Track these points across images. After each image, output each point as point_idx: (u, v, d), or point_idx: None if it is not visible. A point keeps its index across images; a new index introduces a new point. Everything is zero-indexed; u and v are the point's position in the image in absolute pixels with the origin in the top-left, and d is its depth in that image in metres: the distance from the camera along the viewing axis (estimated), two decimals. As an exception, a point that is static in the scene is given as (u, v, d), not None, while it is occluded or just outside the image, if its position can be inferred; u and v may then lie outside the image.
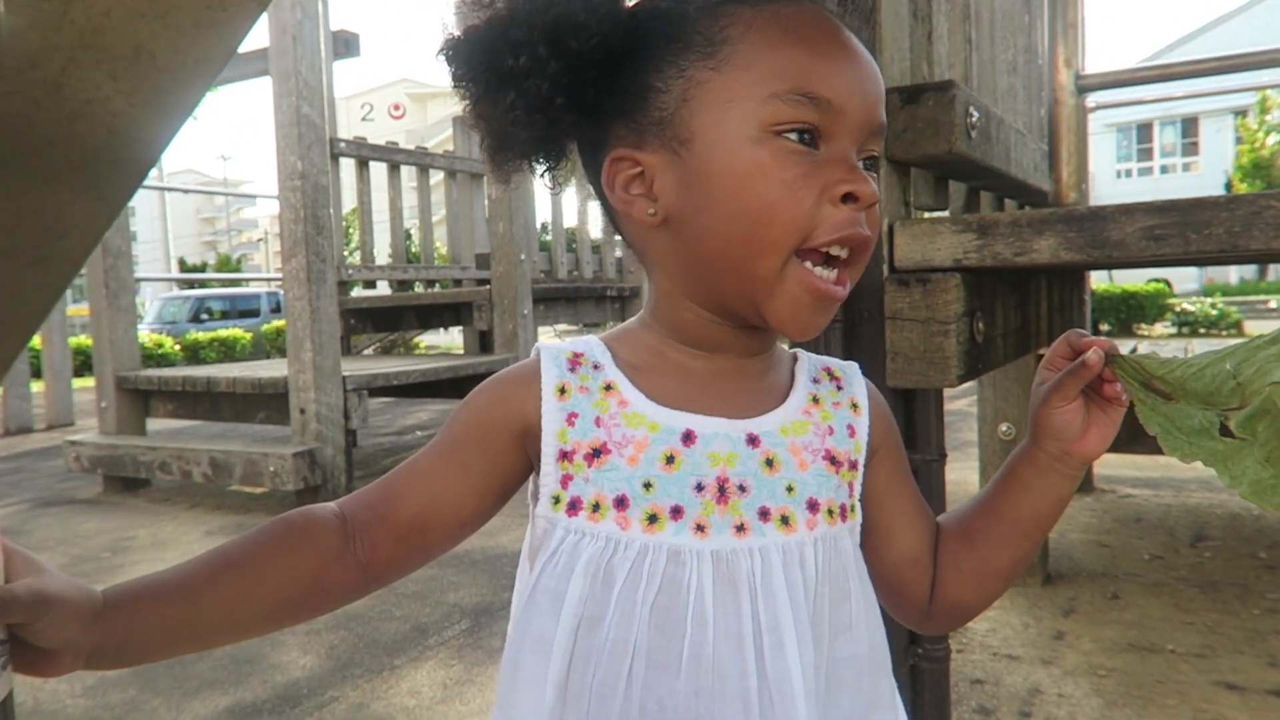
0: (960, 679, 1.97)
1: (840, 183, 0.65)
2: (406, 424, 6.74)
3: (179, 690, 2.12)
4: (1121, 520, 3.21)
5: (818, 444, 0.72)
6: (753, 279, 0.66)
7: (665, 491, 0.66)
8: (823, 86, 0.65)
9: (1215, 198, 1.18)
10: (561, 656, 0.65)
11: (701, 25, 0.67)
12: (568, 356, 0.72)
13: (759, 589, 0.65)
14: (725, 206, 0.66)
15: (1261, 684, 1.89)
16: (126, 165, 1.61)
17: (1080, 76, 1.85)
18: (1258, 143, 23.52)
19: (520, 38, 0.67)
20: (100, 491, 4.60)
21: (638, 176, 0.70)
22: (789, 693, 0.64)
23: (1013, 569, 0.76)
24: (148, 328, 15.93)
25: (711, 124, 0.66)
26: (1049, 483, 0.73)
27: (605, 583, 0.65)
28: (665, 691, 0.63)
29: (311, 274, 4.00)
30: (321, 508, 0.72)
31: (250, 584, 0.67)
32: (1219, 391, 0.63)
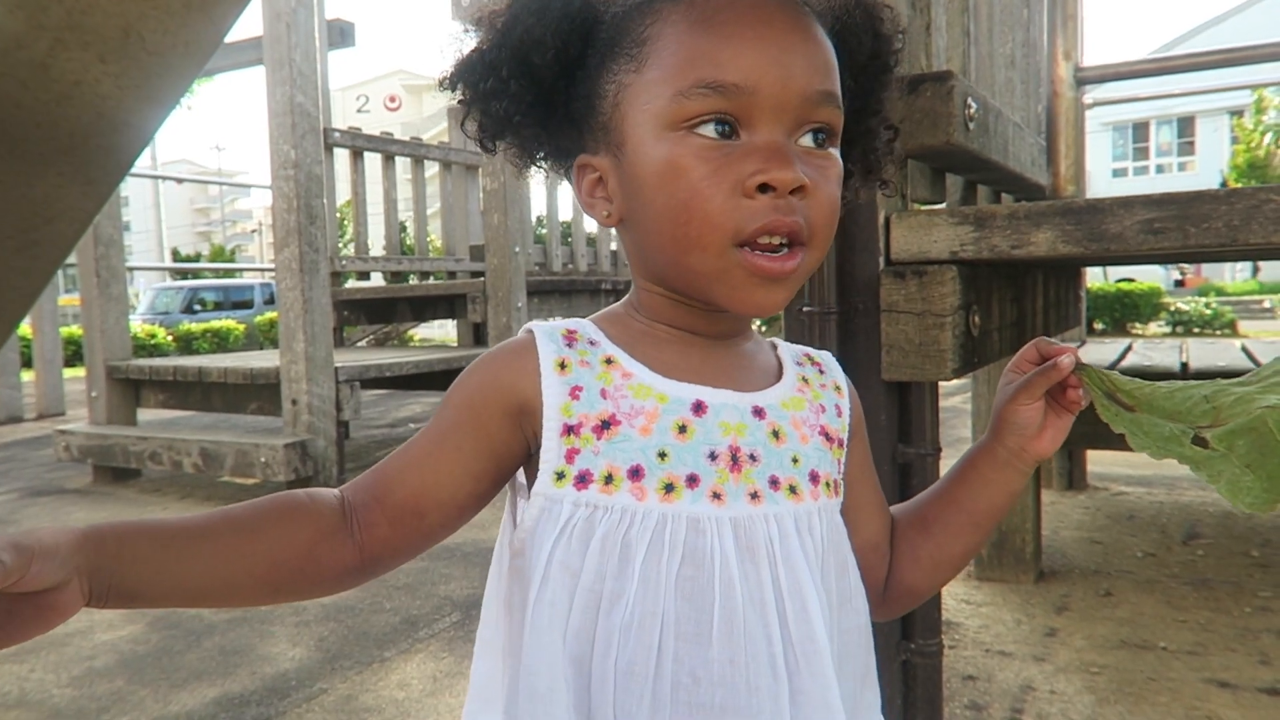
0: (952, 675, 1.96)
1: (754, 174, 0.63)
2: (399, 416, 6.72)
3: (166, 681, 2.11)
4: (1114, 518, 3.22)
5: (814, 420, 0.74)
6: (690, 272, 0.67)
7: (680, 460, 0.66)
8: (727, 72, 0.64)
9: (1214, 191, 1.17)
10: (576, 635, 0.64)
11: (631, 28, 0.68)
12: (562, 333, 0.72)
13: (778, 555, 0.66)
14: (652, 206, 0.67)
15: (1253, 682, 1.89)
16: (115, 150, 1.59)
17: (1079, 69, 1.84)
18: (1254, 142, 23.56)
19: (492, 59, 0.70)
20: (90, 481, 4.58)
21: (598, 181, 0.72)
22: (815, 656, 0.65)
23: (963, 556, 0.81)
24: (140, 318, 15.87)
25: (635, 126, 0.67)
26: (1005, 477, 0.77)
27: (624, 557, 0.64)
28: (699, 662, 0.63)
29: (304, 264, 3.98)
30: (323, 489, 0.72)
31: (245, 540, 0.66)
32: (1190, 411, 0.67)
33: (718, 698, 0.63)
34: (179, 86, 1.49)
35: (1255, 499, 0.62)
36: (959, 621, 2.29)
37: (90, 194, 1.49)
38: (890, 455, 1.38)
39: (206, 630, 2.42)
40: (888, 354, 1.32)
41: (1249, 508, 0.63)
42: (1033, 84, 2.37)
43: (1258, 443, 0.63)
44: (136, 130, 1.47)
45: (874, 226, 1.35)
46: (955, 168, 1.64)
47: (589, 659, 0.64)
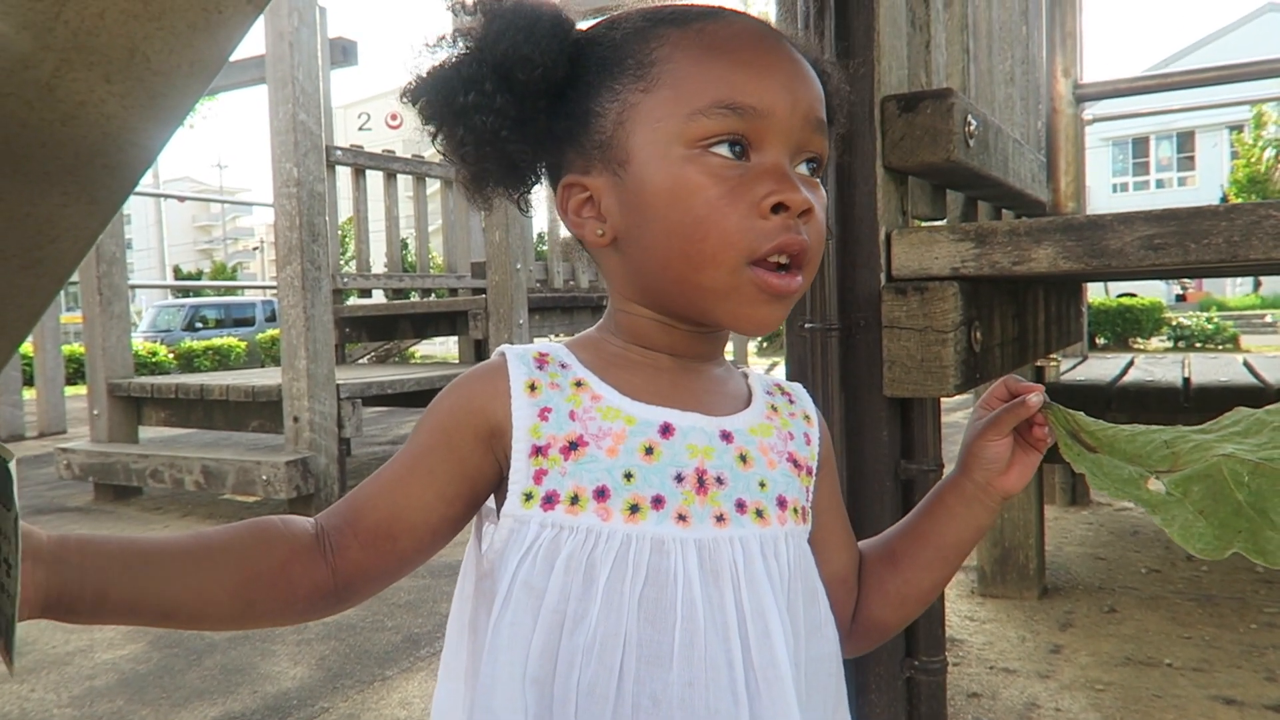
0: (956, 692, 1.95)
1: (768, 195, 0.66)
2: (400, 433, 6.71)
3: (167, 700, 2.10)
4: (1118, 534, 3.21)
5: (781, 446, 0.74)
6: (699, 289, 0.68)
7: (646, 481, 0.67)
8: (745, 95, 0.66)
9: (1215, 207, 1.18)
10: (539, 656, 0.64)
11: (634, 49, 0.70)
12: (534, 356, 0.73)
13: (741, 578, 0.66)
14: (661, 224, 0.68)
15: (1260, 698, 1.88)
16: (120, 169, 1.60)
17: (1078, 86, 1.85)
18: (1253, 157, 23.63)
19: (471, 74, 0.70)
20: (91, 499, 4.57)
21: (587, 200, 0.72)
22: (777, 680, 0.64)
23: (932, 591, 0.80)
24: (142, 336, 15.89)
25: (644, 144, 0.68)
26: (972, 512, 0.78)
27: (588, 577, 0.64)
28: (659, 685, 0.63)
29: (306, 281, 3.99)
30: (298, 516, 0.72)
31: (217, 553, 0.65)
32: (1149, 455, 0.69)
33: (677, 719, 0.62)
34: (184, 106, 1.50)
35: (1206, 544, 0.63)
36: (963, 638, 2.28)
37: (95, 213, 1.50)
38: (893, 471, 1.38)
39: (208, 649, 2.41)
40: (889, 370, 1.32)
41: (1199, 552, 0.64)
42: (1032, 101, 2.38)
43: (1211, 489, 0.65)
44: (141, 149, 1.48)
45: (875, 243, 1.35)
46: (956, 184, 1.65)
47: (551, 680, 0.63)
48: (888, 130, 1.36)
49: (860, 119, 1.36)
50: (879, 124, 1.35)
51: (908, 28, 1.45)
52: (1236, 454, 0.65)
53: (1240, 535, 0.63)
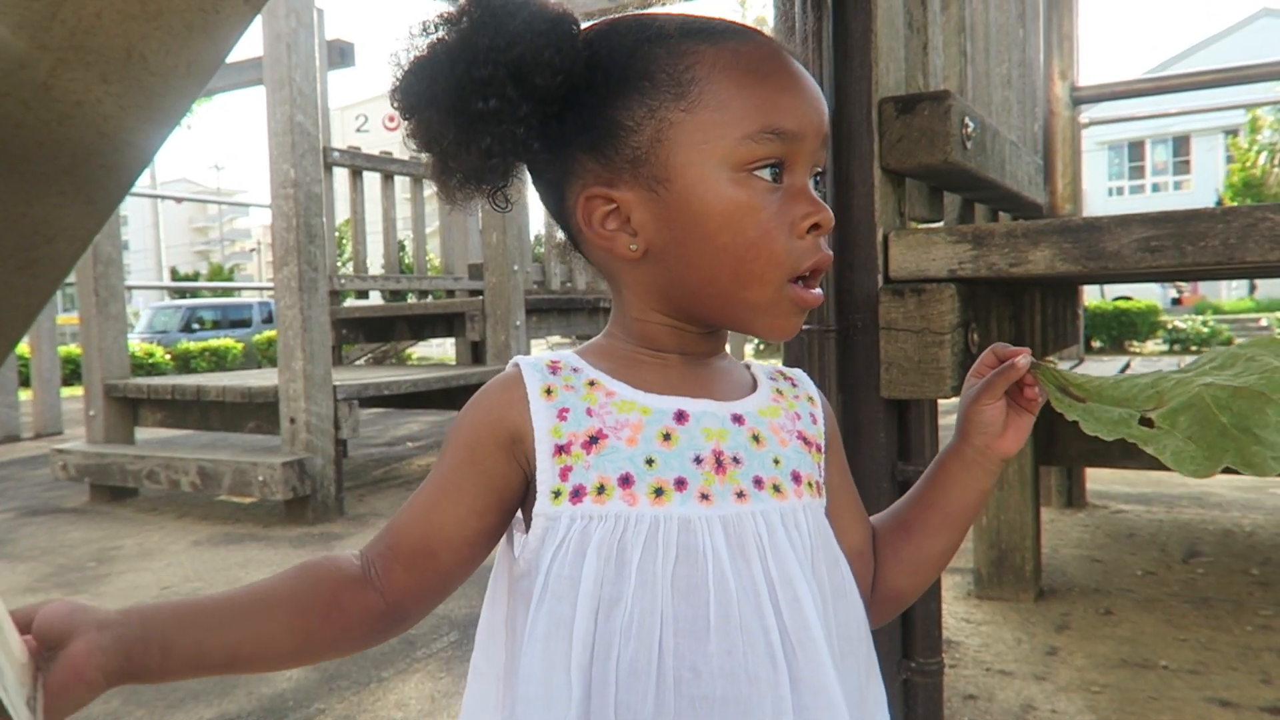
0: (953, 694, 1.95)
1: (806, 216, 0.70)
2: (397, 434, 6.71)
3: (163, 702, 2.09)
4: (1114, 536, 3.21)
5: (791, 425, 0.77)
6: (742, 303, 0.72)
7: (667, 465, 0.69)
8: (787, 120, 0.70)
9: (1211, 210, 1.18)
10: (582, 642, 0.65)
11: (666, 64, 0.70)
12: (547, 363, 0.75)
13: (767, 549, 0.69)
14: (709, 243, 0.70)
15: (1255, 701, 1.88)
16: (117, 169, 1.60)
17: (1075, 89, 1.86)
18: (1249, 161, 23.69)
19: (486, 76, 0.68)
20: (87, 500, 4.56)
21: (612, 212, 0.72)
22: (810, 643, 0.67)
23: (943, 555, 0.84)
24: (139, 337, 15.87)
25: (689, 164, 0.69)
26: (974, 476, 0.81)
27: (620, 561, 0.67)
28: (699, 657, 0.65)
29: (303, 283, 3.98)
30: (345, 555, 0.76)
31: (269, 595, 0.71)
32: (1136, 398, 0.73)
33: (719, 689, 0.65)
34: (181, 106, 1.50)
35: (1197, 465, 0.68)
36: (959, 640, 2.28)
37: (91, 213, 1.49)
38: (890, 472, 1.38)
39: (203, 650, 2.41)
40: (887, 372, 1.33)
41: (1192, 474, 0.69)
42: (1029, 103, 2.38)
43: (1197, 417, 0.69)
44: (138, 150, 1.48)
45: (873, 245, 1.36)
46: (953, 186, 1.65)
47: (589, 664, 0.65)
48: (885, 132, 1.36)
49: (858, 121, 1.36)
50: (877, 126, 1.35)
51: (905, 30, 1.46)
52: (1216, 383, 0.70)
53: (1228, 453, 0.67)
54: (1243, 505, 3.64)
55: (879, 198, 1.35)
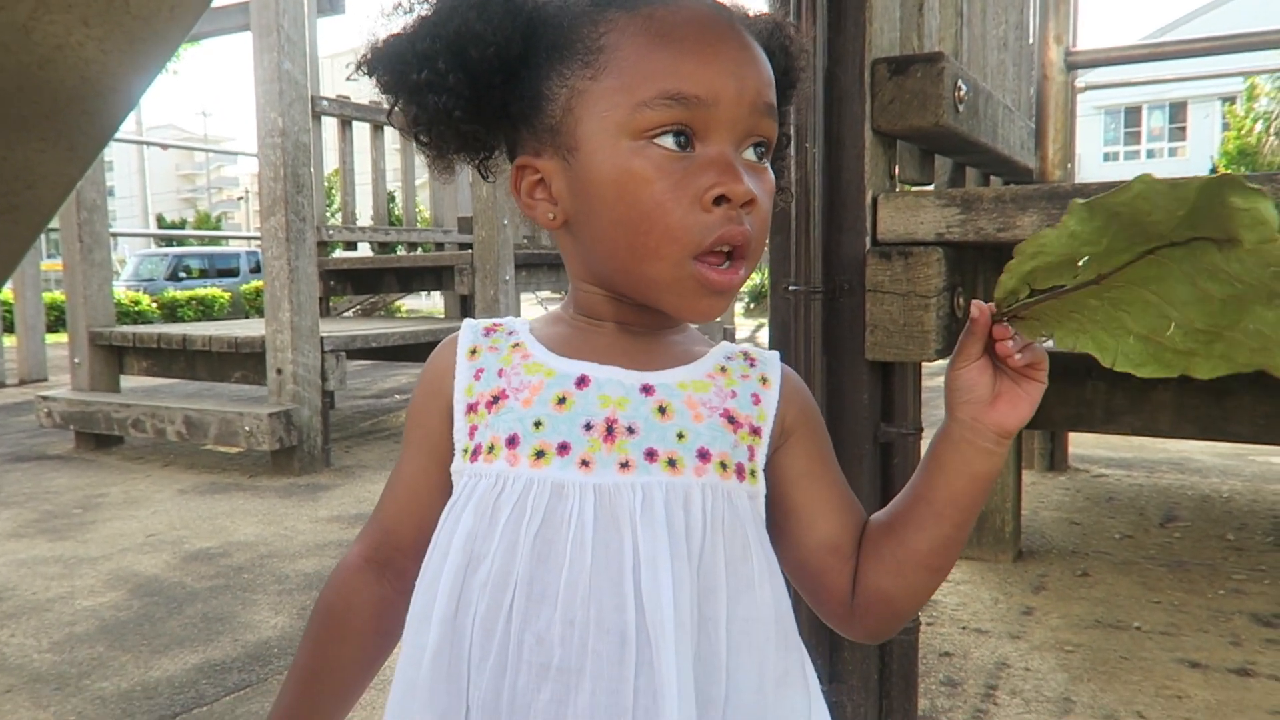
0: (929, 651, 1.99)
1: (711, 187, 0.66)
2: (385, 387, 6.71)
3: (148, 647, 2.11)
4: (1094, 499, 3.25)
5: (717, 402, 0.73)
6: (643, 279, 0.70)
7: (555, 429, 0.69)
8: (689, 84, 0.66)
9: (1198, 177, 1.18)
10: (447, 594, 0.67)
11: (583, 32, 0.69)
12: (485, 326, 0.77)
13: (639, 523, 0.66)
14: (608, 214, 0.69)
15: (1223, 663, 1.92)
16: (99, 115, 1.58)
17: (1070, 53, 1.84)
18: (1245, 129, 23.62)
19: (425, 49, 0.70)
20: (72, 448, 4.56)
21: (539, 182, 0.73)
22: (660, 625, 0.63)
23: (931, 555, 0.72)
24: (124, 285, 15.75)
25: (591, 133, 0.68)
26: (963, 458, 0.70)
27: (491, 518, 0.67)
28: (543, 623, 0.64)
29: (290, 233, 3.95)
30: (345, 571, 0.79)
31: (335, 671, 0.77)
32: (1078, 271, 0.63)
33: (556, 658, 0.64)
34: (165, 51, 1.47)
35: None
36: (937, 599, 2.31)
37: (73, 159, 1.47)
38: (872, 434, 1.39)
39: (188, 598, 2.43)
40: (871, 334, 1.33)
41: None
42: (1025, 67, 2.36)
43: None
44: (121, 95, 1.46)
45: (861, 206, 1.35)
46: (944, 149, 1.65)
47: (451, 617, 0.67)
48: (877, 93, 1.35)
49: (850, 82, 1.35)
50: (869, 87, 1.34)
51: (901, -12, 1.44)
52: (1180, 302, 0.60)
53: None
54: (1221, 471, 3.69)
55: (869, 159, 1.35)
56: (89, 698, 1.87)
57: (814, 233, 1.35)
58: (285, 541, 2.94)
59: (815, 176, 1.35)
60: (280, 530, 3.07)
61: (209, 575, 2.61)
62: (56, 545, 2.94)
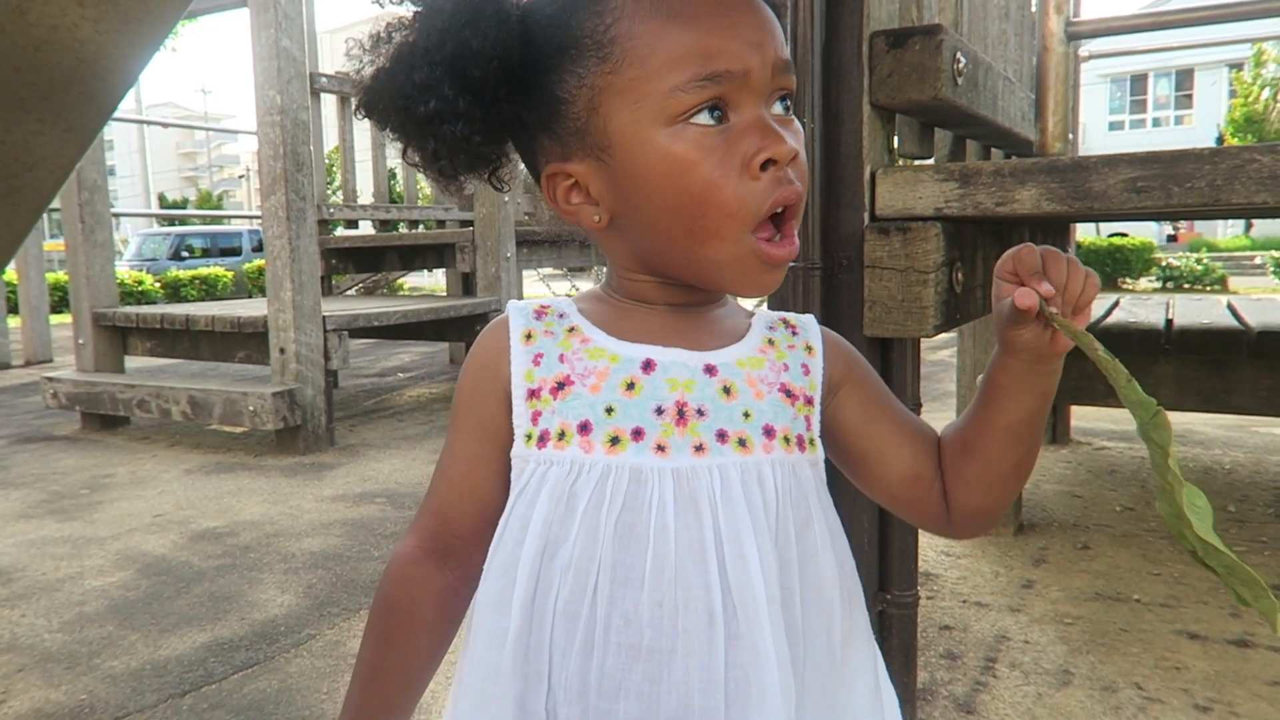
0: (929, 625, 2.00)
1: (757, 153, 0.66)
2: (388, 365, 6.72)
3: (156, 626, 2.13)
4: (1095, 472, 3.26)
5: (773, 377, 0.74)
6: (704, 261, 0.69)
7: (626, 415, 0.69)
8: (719, 62, 0.65)
9: (1199, 150, 1.17)
10: (526, 579, 0.68)
11: (588, 27, 0.68)
12: (534, 309, 0.76)
13: (719, 503, 0.67)
14: (659, 204, 0.68)
15: (1222, 634, 1.94)
16: (96, 95, 1.57)
17: (1070, 23, 1.83)
18: (1251, 96, 23.41)
19: (425, 79, 0.68)
20: (78, 429, 4.58)
21: (574, 186, 0.72)
22: (751, 602, 0.66)
23: (1017, 469, 0.75)
24: (127, 264, 15.75)
25: (624, 127, 0.68)
26: (1029, 385, 0.72)
27: (569, 505, 0.68)
28: (630, 605, 0.66)
29: (291, 212, 3.95)
30: (403, 564, 0.78)
31: (403, 665, 0.78)
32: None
33: (647, 638, 0.65)
34: (161, 30, 1.46)
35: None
36: (938, 573, 2.32)
37: (71, 140, 1.47)
38: (871, 410, 1.39)
39: (196, 577, 2.45)
40: (870, 310, 1.33)
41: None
42: (1026, 36, 2.34)
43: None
44: (118, 75, 1.45)
45: (859, 182, 1.35)
46: (944, 122, 1.64)
47: (531, 601, 0.68)
48: (875, 67, 1.34)
49: (848, 55, 1.34)
50: (867, 60, 1.33)
51: (899, -40, 1.43)
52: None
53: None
54: (1224, 443, 3.69)
55: (867, 134, 1.34)
56: (100, 676, 1.89)
57: (812, 209, 1.34)
58: (291, 520, 2.96)
59: (814, 151, 1.34)
60: (286, 509, 3.09)
61: (216, 555, 2.63)
62: (65, 526, 2.96)
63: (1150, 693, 1.69)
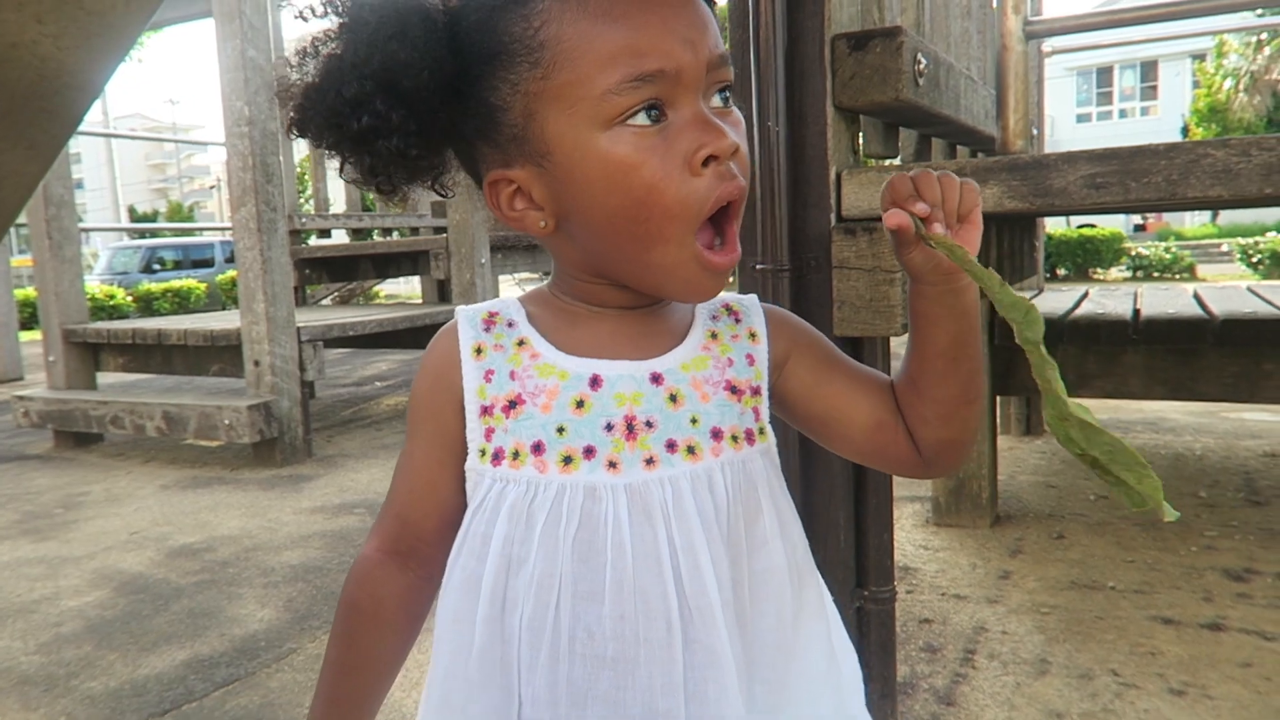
0: (909, 618, 2.02)
1: (697, 150, 0.65)
2: (365, 374, 6.69)
3: (135, 645, 2.12)
4: (1070, 462, 3.29)
5: (718, 376, 0.75)
6: (649, 265, 0.69)
7: (577, 434, 0.70)
8: (651, 61, 0.64)
9: (1155, 146, 1.19)
10: (489, 598, 0.69)
11: (516, 32, 0.66)
12: (483, 317, 0.76)
13: (672, 515, 0.69)
14: (602, 208, 0.67)
15: (1196, 618, 1.97)
16: (58, 111, 1.56)
17: (1029, 22, 1.85)
18: (1215, 86, 23.73)
19: (355, 94, 0.66)
20: (51, 447, 4.53)
21: (517, 192, 0.71)
22: (707, 608, 0.68)
23: (965, 393, 0.75)
24: (98, 279, 15.57)
25: (561, 132, 0.66)
26: (947, 306, 0.72)
27: (528, 523, 0.69)
28: (592, 618, 0.68)
29: (262, 223, 3.92)
30: (366, 565, 0.79)
31: (369, 664, 0.78)
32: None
33: (610, 650, 0.68)
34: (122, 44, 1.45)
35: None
36: (916, 567, 2.35)
37: (34, 158, 1.45)
38: (843, 409, 1.40)
39: (174, 594, 2.43)
40: (839, 310, 1.34)
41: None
42: (989, 34, 2.37)
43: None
44: (80, 91, 1.44)
45: (825, 183, 1.36)
46: (907, 122, 1.66)
47: (497, 618, 0.69)
48: (838, 70, 1.36)
49: (811, 58, 1.35)
50: (829, 63, 1.35)
51: (859, -38, 1.44)
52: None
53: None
54: (1194, 430, 3.75)
55: (832, 136, 1.35)
56: (78, 698, 1.88)
57: (780, 211, 1.36)
58: (270, 534, 2.94)
59: (779, 154, 1.35)
60: (264, 523, 3.07)
61: (194, 570, 2.61)
62: (39, 546, 2.93)
63: (1126, 678, 1.72)
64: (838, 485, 1.43)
